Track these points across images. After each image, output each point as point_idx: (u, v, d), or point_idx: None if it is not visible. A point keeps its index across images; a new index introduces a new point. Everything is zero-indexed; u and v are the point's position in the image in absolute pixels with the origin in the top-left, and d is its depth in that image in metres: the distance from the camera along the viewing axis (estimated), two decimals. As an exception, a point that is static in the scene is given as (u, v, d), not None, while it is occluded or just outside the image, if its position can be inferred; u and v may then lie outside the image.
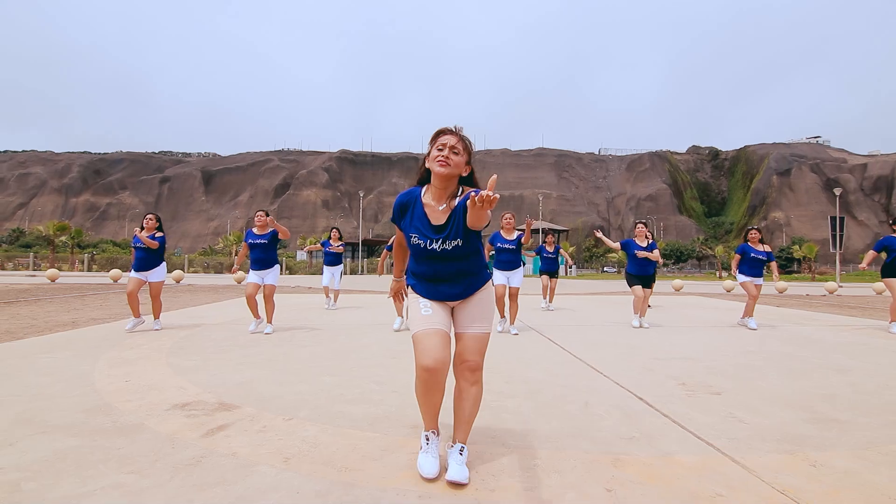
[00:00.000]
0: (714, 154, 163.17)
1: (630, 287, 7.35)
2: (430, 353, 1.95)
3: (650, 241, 7.32)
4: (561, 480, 2.00)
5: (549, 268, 10.20)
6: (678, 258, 72.57)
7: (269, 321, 6.23)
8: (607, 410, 2.96)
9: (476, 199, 1.66)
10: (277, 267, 6.31)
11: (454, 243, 2.02)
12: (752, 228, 7.37)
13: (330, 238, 9.74)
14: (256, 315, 6.24)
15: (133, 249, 6.43)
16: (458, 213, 2.00)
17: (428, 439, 2.08)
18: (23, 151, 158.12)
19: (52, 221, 44.21)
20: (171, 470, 2.09)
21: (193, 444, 2.38)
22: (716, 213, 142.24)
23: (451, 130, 2.02)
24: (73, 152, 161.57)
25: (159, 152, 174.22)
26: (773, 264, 7.44)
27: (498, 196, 1.65)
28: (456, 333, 2.14)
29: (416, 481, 1.99)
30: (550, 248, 10.10)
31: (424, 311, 2.07)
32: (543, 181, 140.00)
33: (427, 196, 2.08)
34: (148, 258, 6.29)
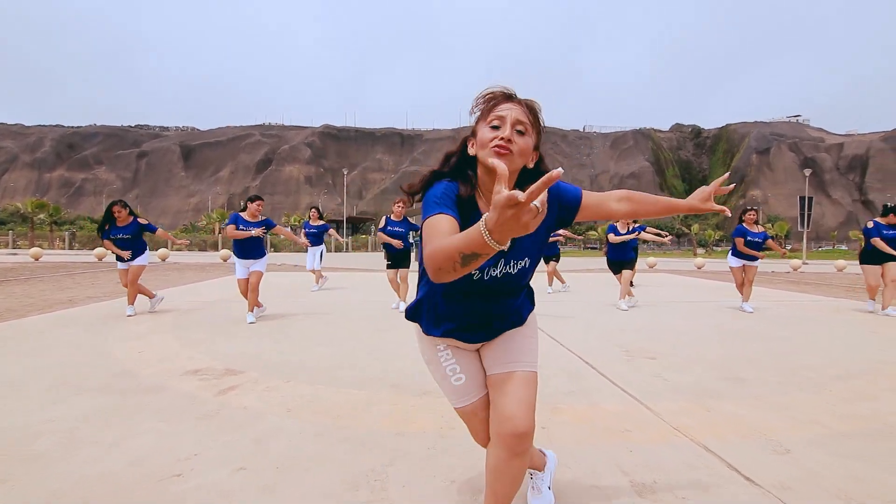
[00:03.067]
0: (696, 132, 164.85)
1: (614, 275, 7.57)
2: (482, 430, 1.50)
3: (631, 227, 7.40)
4: (507, 422, 2.57)
5: (551, 251, 9.68)
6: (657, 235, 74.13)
7: (250, 309, 5.82)
8: (556, 372, 3.54)
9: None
10: (266, 257, 6.03)
11: (520, 265, 1.37)
12: (750, 209, 7.16)
13: (309, 218, 9.59)
14: (254, 305, 5.95)
15: (112, 241, 6.11)
16: (548, 223, 1.37)
17: None
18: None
19: (30, 199, 43.38)
20: (196, 419, 2.59)
21: (210, 401, 2.88)
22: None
23: (514, 96, 1.31)
24: (44, 125, 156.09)
25: (135, 126, 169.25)
26: (771, 242, 7.24)
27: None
28: (490, 377, 1.46)
29: (393, 425, 2.53)
30: None
31: (456, 381, 1.48)
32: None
33: (476, 198, 1.33)
34: (129, 248, 6.16)
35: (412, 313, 1.53)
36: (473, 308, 1.41)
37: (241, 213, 5.88)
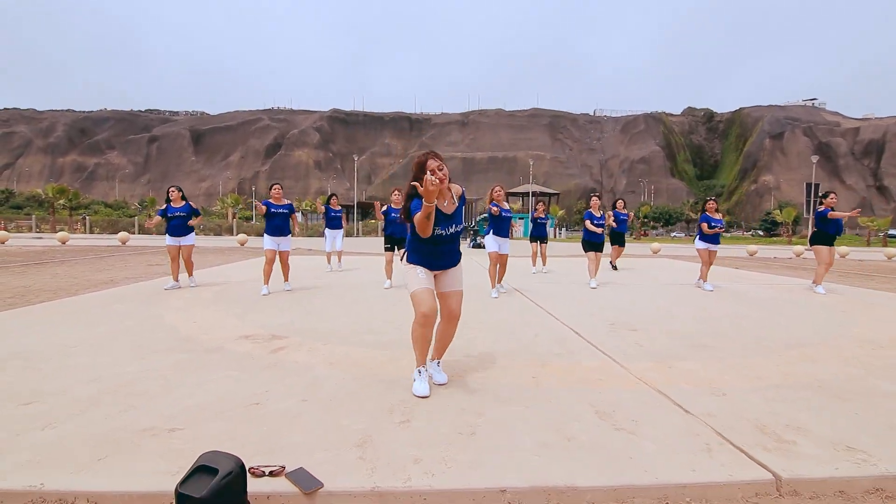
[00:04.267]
0: (709, 116, 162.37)
1: (585, 252, 8.54)
2: (428, 304, 2.78)
3: (603, 212, 8.57)
4: (505, 373, 3.23)
5: (540, 233, 11.06)
6: (667, 221, 74.13)
7: (286, 279, 7.31)
8: (549, 338, 4.19)
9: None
10: (290, 236, 7.20)
11: (458, 228, 2.93)
12: (710, 199, 8.26)
13: (329, 203, 10.51)
14: (267, 282, 6.92)
15: (167, 219, 7.35)
16: (460, 207, 2.91)
17: (420, 372, 2.88)
18: (4, 109, 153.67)
19: (50, 184, 44.55)
20: (258, 369, 3.27)
21: (266, 357, 3.56)
22: (708, 176, 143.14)
23: (430, 155, 2.76)
24: (56, 110, 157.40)
25: (146, 110, 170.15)
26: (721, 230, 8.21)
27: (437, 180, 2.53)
28: (440, 293, 2.97)
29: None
30: (542, 216, 11.05)
31: (421, 275, 2.87)
32: (537, 142, 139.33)
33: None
34: (182, 226, 7.31)
35: (407, 256, 2.99)
36: (437, 250, 2.91)
37: (269, 200, 7.01)
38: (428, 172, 2.57)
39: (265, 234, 7.04)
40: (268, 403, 2.64)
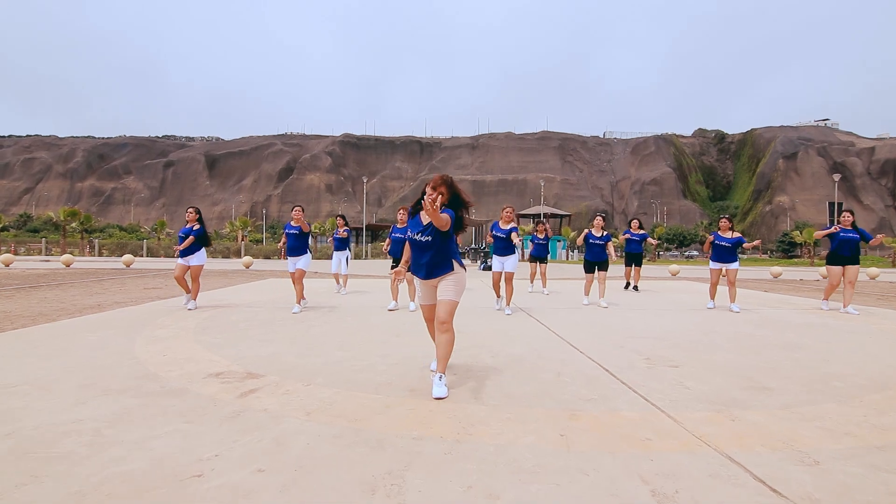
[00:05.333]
0: (720, 137, 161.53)
1: (585, 273, 8.41)
2: (424, 314, 3.55)
3: (605, 234, 8.25)
4: (524, 428, 2.54)
5: (539, 254, 10.90)
6: (680, 243, 72.82)
7: (298, 301, 7.19)
8: (574, 378, 3.50)
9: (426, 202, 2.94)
10: (307, 255, 7.42)
11: (426, 238, 3.25)
12: (723, 217, 8.03)
13: (337, 226, 10.19)
14: (301, 298, 7.24)
15: (179, 238, 7.49)
16: (434, 225, 3.24)
17: (440, 378, 3.17)
18: (27, 136, 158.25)
19: (63, 208, 44.98)
20: (218, 420, 2.63)
21: (231, 403, 2.92)
22: (721, 198, 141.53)
23: (439, 181, 3.27)
24: (76, 137, 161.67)
25: (163, 136, 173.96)
26: (745, 244, 7.94)
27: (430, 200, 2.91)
28: (438, 301, 3.34)
29: (410, 428, 2.53)
30: (541, 236, 10.89)
31: (420, 289, 3.47)
32: (547, 165, 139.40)
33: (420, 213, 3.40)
34: (189, 246, 7.32)
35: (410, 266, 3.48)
36: (414, 254, 3.39)
37: (290, 222, 7.41)
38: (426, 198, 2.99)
39: (287, 255, 7.46)
40: (212, 475, 2.00)
